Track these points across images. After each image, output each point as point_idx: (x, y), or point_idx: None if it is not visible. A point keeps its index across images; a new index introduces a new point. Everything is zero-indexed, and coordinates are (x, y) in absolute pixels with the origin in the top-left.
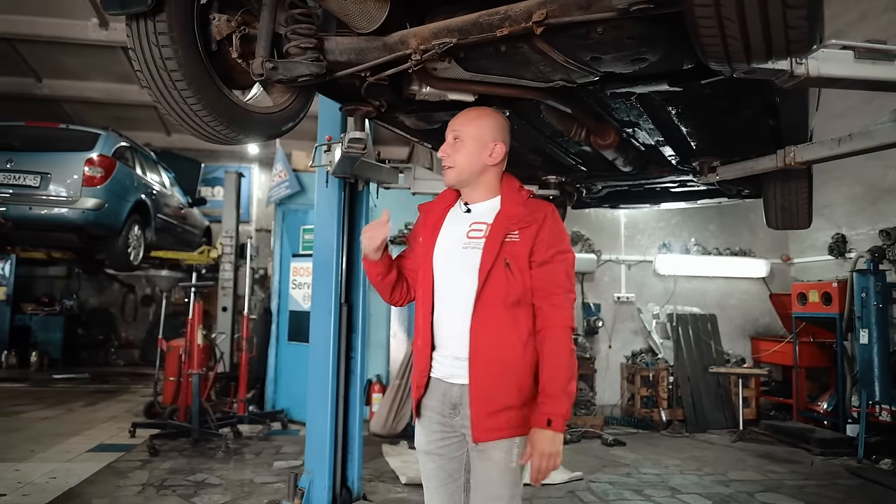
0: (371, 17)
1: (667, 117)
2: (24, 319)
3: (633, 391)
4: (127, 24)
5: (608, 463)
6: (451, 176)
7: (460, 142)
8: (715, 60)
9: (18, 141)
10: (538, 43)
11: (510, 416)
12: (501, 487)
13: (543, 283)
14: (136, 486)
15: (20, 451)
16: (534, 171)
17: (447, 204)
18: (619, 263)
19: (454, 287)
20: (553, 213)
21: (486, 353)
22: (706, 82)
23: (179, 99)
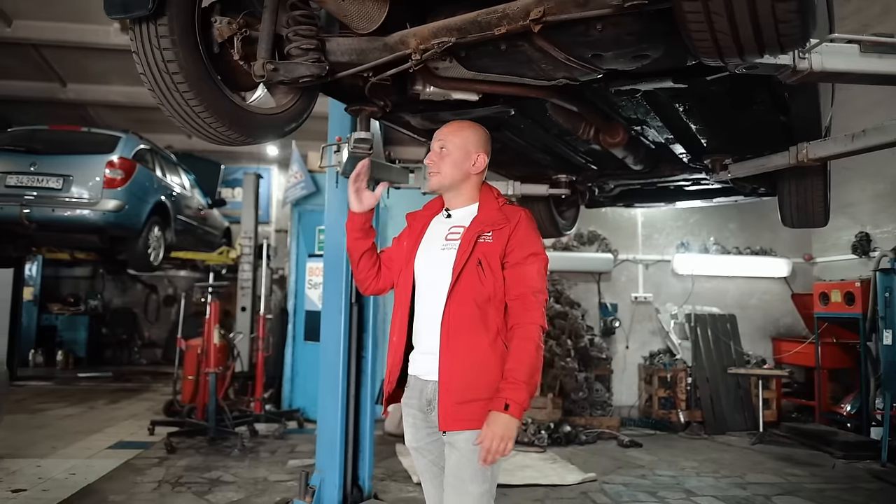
0: (370, 17)
1: (674, 114)
2: (51, 319)
3: (650, 392)
4: (130, 27)
5: (623, 464)
6: (434, 182)
7: (446, 151)
8: (707, 56)
9: (42, 144)
10: (538, 41)
11: (477, 408)
12: (471, 483)
13: (516, 284)
14: (152, 482)
15: (43, 448)
16: (543, 170)
17: (433, 212)
18: (636, 263)
19: (431, 285)
20: (526, 217)
21: (454, 346)
22: (712, 78)
23: (182, 101)
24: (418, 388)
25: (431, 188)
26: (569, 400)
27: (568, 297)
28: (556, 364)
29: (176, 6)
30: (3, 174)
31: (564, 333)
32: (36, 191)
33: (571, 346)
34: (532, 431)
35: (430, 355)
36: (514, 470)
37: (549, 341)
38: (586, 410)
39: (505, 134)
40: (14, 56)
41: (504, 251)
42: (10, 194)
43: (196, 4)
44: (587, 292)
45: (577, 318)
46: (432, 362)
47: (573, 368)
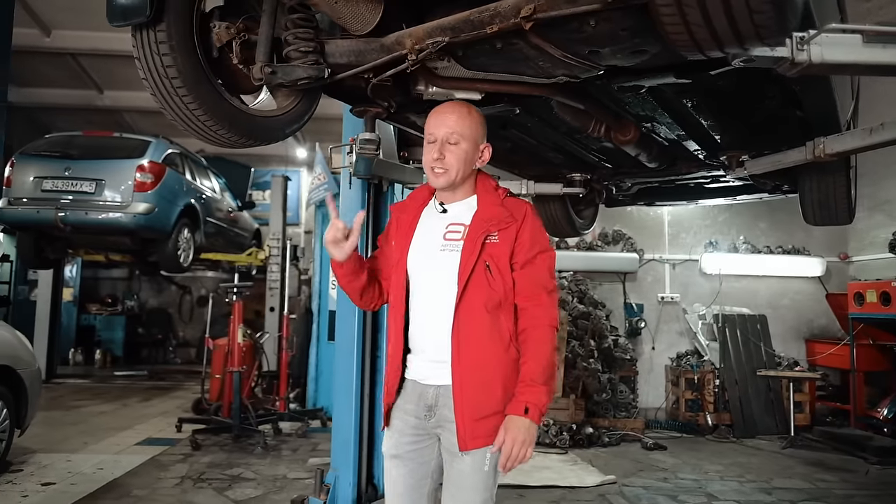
0: (364, 18)
1: (683, 110)
2: (90, 319)
3: (677, 394)
4: (132, 34)
5: (645, 467)
6: (442, 181)
7: (454, 143)
8: (686, 50)
9: (76, 150)
10: (533, 38)
11: (494, 422)
12: (475, 493)
13: (527, 284)
14: (175, 478)
15: (74, 443)
16: (557, 169)
17: (421, 203)
18: (662, 263)
19: (432, 290)
20: (532, 213)
21: (468, 358)
22: (717, 73)
23: (182, 105)
24: (416, 392)
25: (439, 188)
26: (591, 401)
27: (592, 297)
28: (579, 365)
29: (174, 13)
30: (39, 179)
31: (587, 334)
32: (71, 195)
33: (595, 347)
34: (553, 433)
35: (435, 363)
36: (533, 471)
37: (571, 342)
38: (609, 412)
39: (513, 133)
40: (53, 65)
41: (512, 251)
42: (47, 198)
43: (194, 10)
44: (612, 292)
45: (601, 318)
46: (435, 368)
47: (596, 369)
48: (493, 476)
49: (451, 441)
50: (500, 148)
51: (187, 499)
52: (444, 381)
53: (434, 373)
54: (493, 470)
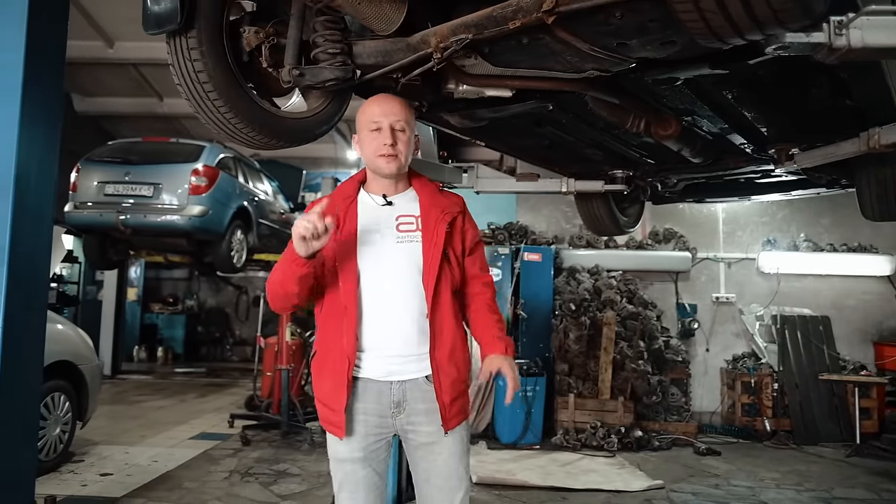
0: (388, 18)
1: (724, 102)
2: (152, 318)
3: (733, 398)
4: (166, 42)
5: (696, 473)
6: (394, 167)
7: (400, 131)
8: (703, 38)
9: (136, 156)
10: (559, 32)
11: (465, 401)
12: (464, 478)
13: (475, 268)
14: (224, 472)
15: (133, 436)
16: (597, 166)
17: (349, 198)
18: (717, 261)
19: (395, 285)
20: (465, 203)
21: (444, 345)
22: (755, 62)
23: (213, 109)
24: (374, 391)
25: (390, 175)
26: (641, 404)
27: (641, 297)
28: (627, 366)
29: (204, 19)
30: (102, 184)
31: (636, 335)
32: (131, 199)
33: (644, 349)
34: (601, 435)
35: (400, 358)
36: (578, 474)
37: (619, 343)
38: (660, 415)
39: (549, 130)
40: (116, 75)
41: (462, 238)
42: (109, 202)
43: (224, 17)
44: (664, 292)
45: (651, 319)
46: (402, 363)
47: (645, 371)
48: (467, 448)
49: (427, 431)
50: (537, 145)
51: (234, 492)
52: (412, 375)
53: (399, 368)
54: (468, 442)
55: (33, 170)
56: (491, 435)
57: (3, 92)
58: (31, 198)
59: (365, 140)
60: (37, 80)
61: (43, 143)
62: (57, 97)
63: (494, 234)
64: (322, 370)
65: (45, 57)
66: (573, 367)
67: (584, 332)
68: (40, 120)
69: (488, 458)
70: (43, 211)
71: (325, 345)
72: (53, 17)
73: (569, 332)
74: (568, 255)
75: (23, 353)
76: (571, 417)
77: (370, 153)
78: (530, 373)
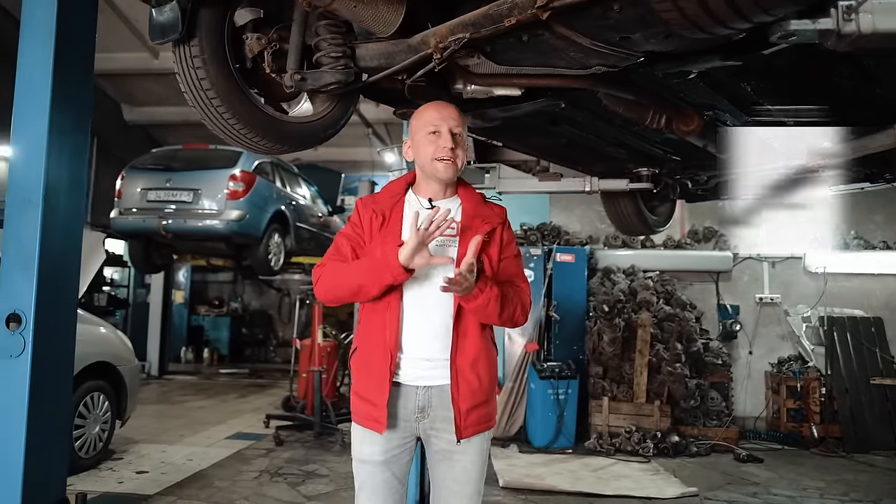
0: (386, 20)
1: (743, 95)
2: (199, 320)
3: (778, 403)
4: (172, 51)
5: (735, 480)
6: (451, 172)
7: (458, 136)
8: (683, 29)
9: (177, 162)
10: (558, 28)
11: (483, 411)
12: (478, 484)
13: (508, 274)
14: (254, 472)
15: (172, 435)
16: (621, 165)
17: (395, 198)
18: (760, 261)
19: (429, 288)
20: (506, 215)
21: (465, 351)
22: (769, 52)
23: (217, 115)
24: (402, 395)
25: (447, 178)
26: (678, 408)
27: (679, 298)
28: (664, 369)
29: (205, 28)
30: (145, 190)
31: (673, 337)
32: (172, 204)
33: (682, 351)
34: (636, 440)
35: (427, 362)
36: (609, 480)
37: (655, 345)
38: (699, 420)
39: (565, 128)
40: (162, 85)
41: (500, 248)
42: (151, 208)
43: (226, 24)
44: (703, 293)
45: (689, 320)
46: (426, 367)
47: (682, 374)
48: (486, 461)
49: (448, 438)
50: (555, 144)
51: (262, 491)
52: (437, 382)
53: (426, 373)
54: (487, 454)
55: (63, 179)
56: (523, 438)
57: (33, 105)
58: (60, 206)
59: (422, 143)
60: (65, 93)
61: (72, 152)
62: (86, 108)
63: (527, 234)
64: (363, 365)
65: (74, 68)
66: (607, 369)
67: (618, 335)
68: (69, 130)
69: (518, 462)
70: (73, 218)
71: (367, 340)
72: (81, 30)
73: (602, 334)
74: (603, 255)
75: (54, 355)
76: (605, 421)
77: (427, 156)
78: (562, 375)
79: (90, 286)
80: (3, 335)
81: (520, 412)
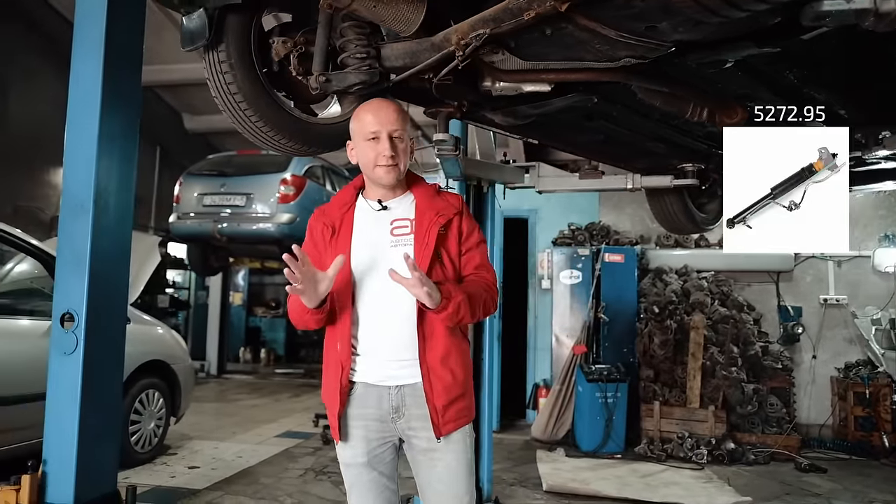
0: (407, 19)
1: (786, 84)
2: (256, 321)
3: (845, 410)
4: (201, 57)
5: (793, 491)
6: (393, 176)
7: (398, 139)
8: (693, 13)
9: (231, 168)
10: (580, 20)
11: (461, 405)
12: (467, 482)
13: (471, 266)
14: (300, 470)
15: (224, 433)
16: (664, 160)
17: (345, 205)
18: (825, 260)
19: (388, 289)
20: (465, 203)
21: (434, 348)
22: (809, 37)
23: (245, 118)
24: (374, 396)
25: (390, 183)
26: (734, 414)
27: (735, 299)
28: (718, 373)
29: (232, 34)
30: (201, 195)
31: (728, 339)
32: (227, 209)
33: (738, 354)
34: (688, 446)
35: (396, 362)
36: (658, 486)
37: (709, 348)
38: (757, 427)
39: (601, 124)
40: None
41: (458, 240)
42: (207, 212)
43: (252, 30)
44: (763, 294)
45: (747, 322)
46: (395, 367)
47: (738, 379)
48: (472, 457)
49: (427, 437)
50: (593, 140)
51: (306, 489)
52: (409, 380)
53: (395, 373)
54: (472, 449)
55: (112, 184)
56: (570, 442)
57: (84, 113)
58: (110, 210)
59: (362, 149)
60: (114, 101)
61: (121, 158)
62: (134, 115)
63: (574, 234)
64: (325, 376)
65: (123, 78)
66: (659, 373)
67: (669, 337)
68: (118, 136)
69: (564, 466)
70: (122, 221)
71: (327, 351)
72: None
73: (653, 337)
74: (654, 255)
75: (104, 353)
76: (657, 426)
77: (368, 162)
78: (611, 378)
79: (154, 288)
80: (58, 333)
81: (567, 415)
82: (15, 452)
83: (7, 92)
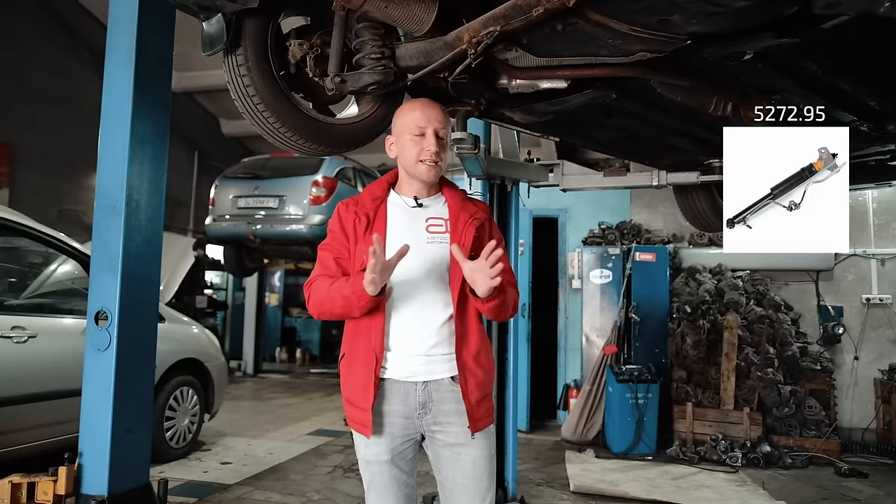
0: (418, 19)
1: (810, 75)
2: (291, 321)
3: (890, 414)
4: (222, 60)
5: (832, 496)
6: (435, 173)
7: (442, 138)
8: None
9: (265, 170)
10: (591, 15)
11: (490, 403)
12: (489, 478)
13: None
14: (328, 467)
15: (258, 430)
16: (690, 156)
17: (378, 199)
18: (867, 258)
19: (423, 285)
20: (490, 211)
21: (470, 345)
22: (829, 27)
23: (263, 120)
24: (400, 392)
25: (431, 180)
26: (771, 416)
27: (772, 299)
28: (753, 374)
29: (249, 37)
30: (236, 198)
31: (764, 340)
32: (261, 211)
33: (774, 355)
34: (722, 449)
35: (426, 357)
36: (689, 489)
37: (744, 349)
38: (794, 430)
39: (622, 120)
40: None
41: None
42: (242, 215)
43: (269, 33)
44: (801, 294)
45: (784, 322)
46: (428, 363)
47: (775, 380)
48: (494, 453)
49: (455, 432)
50: (614, 137)
51: (333, 486)
52: (437, 376)
53: (424, 368)
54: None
55: (144, 186)
56: (600, 443)
57: (116, 118)
58: (141, 212)
59: (406, 144)
60: (144, 107)
61: (152, 161)
62: (163, 119)
63: (605, 233)
64: (350, 370)
65: (152, 84)
66: (692, 374)
67: (701, 337)
68: (149, 139)
69: (593, 467)
70: (153, 222)
71: (353, 344)
72: (158, 50)
73: (686, 337)
74: (687, 254)
75: (136, 350)
76: (690, 428)
77: (411, 157)
78: (642, 379)
79: (193, 289)
80: (93, 330)
81: (598, 416)
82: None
83: (50, 99)
